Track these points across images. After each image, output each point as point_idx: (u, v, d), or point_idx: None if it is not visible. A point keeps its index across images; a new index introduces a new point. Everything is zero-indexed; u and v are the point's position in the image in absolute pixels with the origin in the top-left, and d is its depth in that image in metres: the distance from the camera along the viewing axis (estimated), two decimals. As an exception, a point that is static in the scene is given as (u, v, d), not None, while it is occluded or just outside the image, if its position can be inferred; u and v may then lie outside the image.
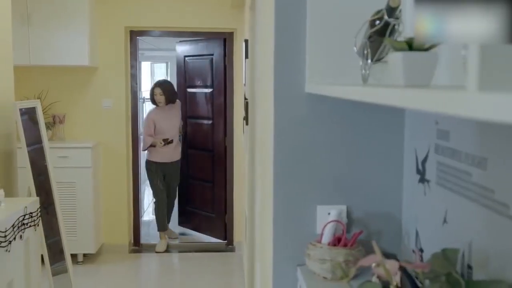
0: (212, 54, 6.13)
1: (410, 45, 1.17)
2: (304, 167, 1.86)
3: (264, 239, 2.27)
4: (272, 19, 1.83)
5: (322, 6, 1.78)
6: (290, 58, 1.82)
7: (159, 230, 6.11)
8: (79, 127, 5.75)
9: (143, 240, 6.21)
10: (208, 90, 6.18)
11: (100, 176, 5.72)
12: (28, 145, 4.04)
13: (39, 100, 4.36)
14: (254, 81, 2.63)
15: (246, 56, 4.16)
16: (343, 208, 1.87)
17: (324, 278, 1.73)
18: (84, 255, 5.55)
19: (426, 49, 1.17)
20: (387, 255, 1.78)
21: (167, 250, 5.90)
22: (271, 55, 1.87)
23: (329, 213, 1.86)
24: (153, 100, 6.06)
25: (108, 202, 5.89)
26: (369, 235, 1.88)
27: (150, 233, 6.51)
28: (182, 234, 6.43)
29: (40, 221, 3.72)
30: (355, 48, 1.66)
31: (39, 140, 4.25)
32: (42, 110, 4.44)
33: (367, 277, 1.75)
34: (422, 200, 1.68)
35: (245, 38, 4.31)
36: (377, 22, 1.48)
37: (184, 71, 6.46)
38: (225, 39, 6.03)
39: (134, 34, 5.96)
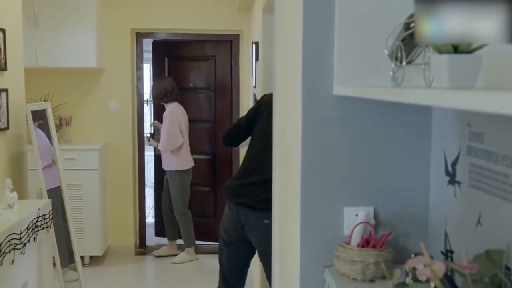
0: (214, 56, 6.13)
1: (455, 48, 1.17)
2: (331, 169, 1.87)
3: (286, 240, 2.28)
4: (300, 21, 1.83)
5: (350, 8, 1.79)
6: (318, 60, 1.83)
7: (189, 246, 5.79)
8: (85, 129, 5.76)
9: (149, 242, 6.21)
10: (210, 92, 6.15)
11: (106, 178, 5.72)
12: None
13: (49, 102, 4.36)
14: (273, 83, 2.63)
15: (257, 58, 4.17)
16: (370, 209, 1.88)
17: (354, 279, 1.74)
18: (91, 257, 5.55)
19: (471, 51, 1.18)
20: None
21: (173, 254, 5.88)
22: (298, 57, 1.88)
23: (356, 215, 1.87)
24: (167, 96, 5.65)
25: (114, 204, 5.89)
26: (395, 237, 1.89)
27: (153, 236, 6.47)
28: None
29: (52, 223, 3.72)
30: (386, 51, 1.67)
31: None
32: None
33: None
34: (452, 202, 1.69)
35: (254, 40, 4.31)
36: (412, 24, 1.48)
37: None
38: (232, 41, 6.04)
39: (140, 36, 5.96)
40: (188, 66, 6.18)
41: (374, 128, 1.86)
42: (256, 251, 3.25)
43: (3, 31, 3.64)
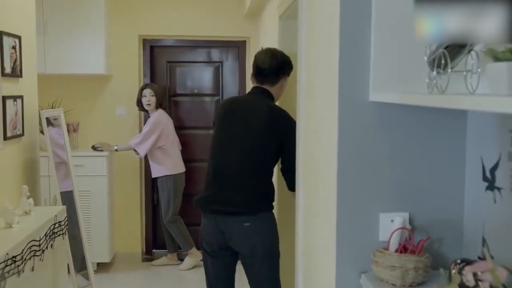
0: (220, 62, 6.13)
1: (514, 55, 1.19)
2: (367, 175, 1.88)
3: (314, 245, 2.28)
4: (336, 28, 1.85)
5: (387, 15, 1.80)
6: (354, 67, 1.84)
7: (190, 248, 5.69)
8: (93, 135, 5.76)
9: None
10: (215, 98, 6.15)
11: (113, 184, 5.72)
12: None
13: (61, 108, 4.36)
14: (297, 89, 2.65)
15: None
16: (406, 215, 1.89)
17: (393, 285, 1.75)
18: (98, 263, 5.54)
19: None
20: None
21: (179, 258, 5.86)
22: (333, 64, 1.89)
23: (392, 221, 1.88)
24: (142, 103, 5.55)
25: (121, 210, 5.89)
26: (430, 242, 1.90)
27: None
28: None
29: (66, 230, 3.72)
30: (425, 58, 1.69)
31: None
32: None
33: (433, 284, 1.77)
34: (491, 208, 1.71)
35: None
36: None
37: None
38: (239, 47, 6.06)
39: (147, 43, 5.97)
40: (191, 71, 6.16)
41: (409, 134, 1.88)
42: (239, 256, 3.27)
43: (19, 38, 3.64)
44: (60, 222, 3.54)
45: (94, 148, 5.48)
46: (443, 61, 1.55)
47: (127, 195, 5.92)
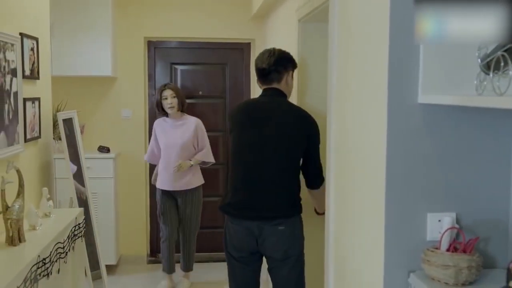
0: (225, 63, 6.14)
1: None
2: (415, 176, 1.91)
3: (355, 247, 2.31)
4: (386, 31, 1.87)
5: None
6: (403, 70, 1.87)
7: (191, 269, 5.30)
8: (98, 137, 5.74)
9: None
10: (220, 100, 6.16)
11: (119, 186, 5.70)
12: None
13: (75, 110, 4.35)
14: (328, 92, 2.67)
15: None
16: (453, 215, 1.92)
17: (446, 283, 1.78)
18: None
19: None
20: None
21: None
22: (381, 67, 1.91)
23: (439, 220, 1.91)
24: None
25: (126, 212, 5.88)
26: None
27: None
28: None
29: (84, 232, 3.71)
30: (479, 60, 1.72)
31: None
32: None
33: (485, 283, 1.80)
34: (542, 207, 1.74)
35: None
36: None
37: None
38: (243, 49, 6.08)
39: (152, 45, 5.97)
40: (196, 73, 6.15)
41: (456, 135, 1.91)
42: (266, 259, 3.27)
43: (36, 40, 3.63)
44: (79, 224, 3.54)
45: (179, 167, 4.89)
46: (502, 63, 1.58)
47: (132, 197, 5.91)
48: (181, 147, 4.89)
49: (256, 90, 5.93)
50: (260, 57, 3.35)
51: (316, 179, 3.27)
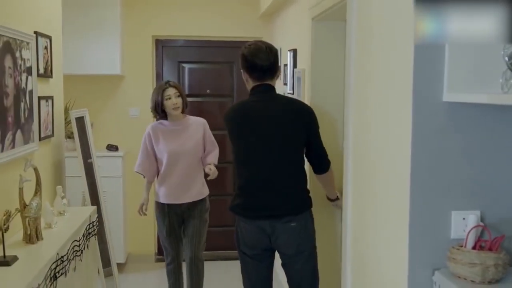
0: (232, 62, 6.14)
1: None
2: (439, 173, 1.92)
3: (376, 245, 2.32)
4: (411, 31, 1.88)
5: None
6: (429, 68, 1.88)
7: None
8: (106, 136, 5.75)
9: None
10: (227, 98, 6.17)
11: (128, 185, 5.71)
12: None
13: (86, 109, 4.35)
14: (345, 92, 2.68)
15: (295, 66, 4.22)
16: (477, 213, 1.93)
17: (472, 281, 1.78)
18: (113, 264, 5.52)
19: None
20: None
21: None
22: (406, 66, 1.92)
23: (463, 218, 1.92)
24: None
25: (134, 211, 5.87)
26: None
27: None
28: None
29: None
30: (506, 58, 1.73)
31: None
32: (67, 119, 4.45)
33: (510, 281, 1.81)
34: None
35: (292, 48, 4.36)
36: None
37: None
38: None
39: (160, 43, 5.98)
40: (204, 72, 6.16)
41: (481, 133, 1.92)
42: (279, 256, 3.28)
43: (50, 38, 3.64)
44: (93, 222, 3.55)
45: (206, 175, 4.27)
46: (532, 62, 1.59)
47: (141, 195, 5.86)
48: (190, 152, 4.19)
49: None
50: (255, 53, 3.23)
51: (322, 163, 3.28)
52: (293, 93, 4.19)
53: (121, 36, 5.46)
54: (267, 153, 3.15)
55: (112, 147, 5.50)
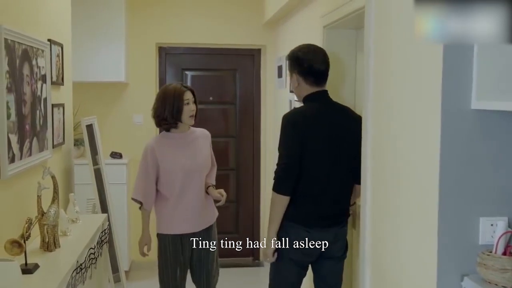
0: (236, 69, 6.16)
1: None
2: (468, 180, 1.94)
3: (400, 251, 2.33)
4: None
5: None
6: (457, 76, 1.90)
7: None
8: (110, 143, 5.74)
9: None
10: (230, 106, 6.19)
11: (131, 192, 5.69)
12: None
13: (95, 116, 4.35)
14: (364, 98, 2.70)
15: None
16: (505, 219, 1.95)
17: (504, 287, 1.80)
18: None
19: None
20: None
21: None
22: (435, 74, 1.94)
23: (491, 225, 1.94)
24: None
25: (138, 218, 5.85)
26: (526, 246, 1.96)
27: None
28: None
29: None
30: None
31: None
32: (73, 127, 4.44)
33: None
34: None
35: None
36: None
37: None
38: (254, 55, 6.11)
39: (163, 51, 5.99)
40: (207, 79, 6.17)
41: (509, 140, 1.94)
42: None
43: (61, 46, 3.64)
44: (105, 230, 3.55)
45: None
46: None
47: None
48: (203, 168, 3.60)
49: (266, 97, 5.96)
50: (311, 57, 3.14)
51: (360, 173, 3.11)
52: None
53: (126, 43, 5.47)
54: (337, 160, 3.12)
55: (116, 155, 5.49)
